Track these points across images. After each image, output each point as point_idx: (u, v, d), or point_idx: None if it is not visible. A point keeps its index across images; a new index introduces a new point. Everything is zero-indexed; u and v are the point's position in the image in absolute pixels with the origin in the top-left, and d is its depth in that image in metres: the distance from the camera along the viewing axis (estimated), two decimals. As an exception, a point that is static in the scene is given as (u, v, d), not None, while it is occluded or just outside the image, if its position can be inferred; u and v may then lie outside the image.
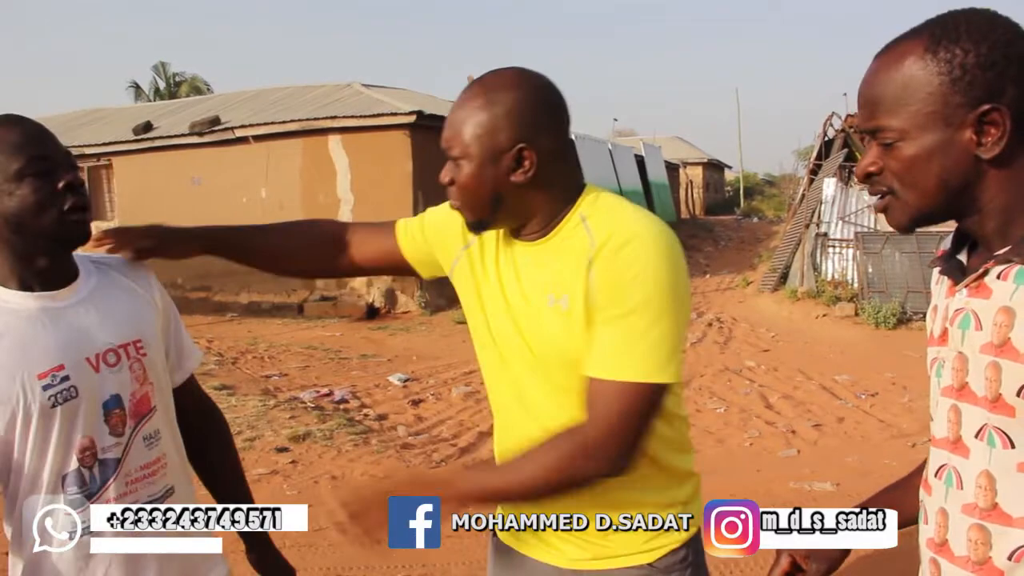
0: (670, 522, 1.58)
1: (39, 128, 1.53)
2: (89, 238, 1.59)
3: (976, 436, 1.12)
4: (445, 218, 1.72)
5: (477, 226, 1.56)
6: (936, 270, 1.26)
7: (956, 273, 1.18)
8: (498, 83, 1.48)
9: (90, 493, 1.56)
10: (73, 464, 1.54)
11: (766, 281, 14.99)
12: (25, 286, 1.54)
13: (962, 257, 1.20)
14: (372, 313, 13.57)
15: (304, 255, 1.87)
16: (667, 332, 1.41)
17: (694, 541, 1.62)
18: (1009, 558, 1.09)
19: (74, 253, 1.62)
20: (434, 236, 1.74)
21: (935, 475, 1.20)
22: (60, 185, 1.50)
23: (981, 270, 1.12)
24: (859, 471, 5.69)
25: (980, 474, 1.11)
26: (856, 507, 1.43)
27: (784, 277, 14.71)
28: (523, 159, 1.46)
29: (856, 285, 13.16)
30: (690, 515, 1.61)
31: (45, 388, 1.49)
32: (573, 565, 1.61)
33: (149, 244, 1.74)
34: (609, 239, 1.44)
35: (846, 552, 1.45)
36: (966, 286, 1.14)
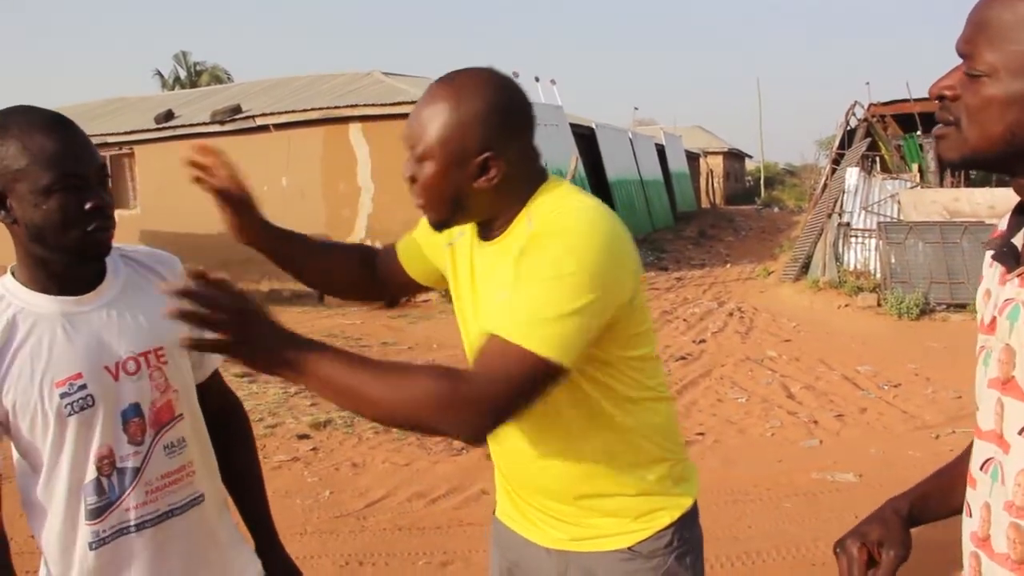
0: (652, 508, 1.60)
1: (78, 138, 1.50)
2: (108, 254, 1.57)
3: (1020, 433, 1.07)
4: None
5: (438, 225, 1.57)
6: (989, 253, 1.20)
7: (1009, 260, 1.13)
8: (468, 86, 1.46)
9: (109, 502, 1.55)
10: (92, 473, 1.53)
11: (787, 271, 14.88)
12: (45, 288, 1.53)
13: (1017, 241, 1.13)
14: (392, 301, 13.56)
15: (344, 278, 1.88)
16: (573, 316, 1.33)
17: (682, 526, 1.62)
18: None
19: None
20: (426, 243, 1.76)
21: (980, 468, 1.16)
22: (87, 207, 1.47)
23: None
24: (882, 462, 5.64)
25: (1020, 471, 1.07)
26: (910, 494, 1.38)
27: (806, 267, 14.59)
28: (488, 167, 1.46)
29: (878, 275, 13.03)
30: (676, 500, 1.62)
31: (62, 396, 1.49)
32: (557, 545, 1.65)
33: (236, 204, 1.70)
34: (541, 230, 1.43)
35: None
36: (1018, 275, 1.09)
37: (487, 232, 1.57)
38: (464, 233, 1.66)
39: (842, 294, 12.99)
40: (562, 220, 1.41)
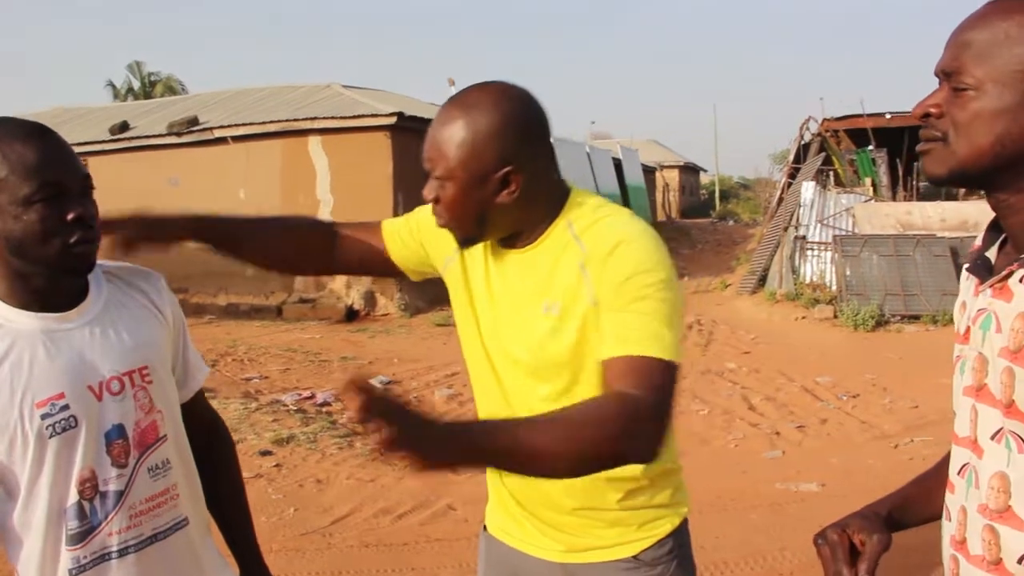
0: (655, 517, 1.61)
1: (60, 147, 1.44)
2: (92, 268, 1.51)
3: (992, 438, 1.11)
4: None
5: (465, 243, 1.56)
6: (965, 266, 1.24)
7: (983, 272, 1.17)
8: (481, 102, 1.46)
9: (91, 527, 1.48)
10: (73, 497, 1.46)
11: (745, 283, 15.06)
12: (26, 305, 1.47)
13: (991, 255, 1.18)
14: (351, 315, 13.49)
15: (292, 250, 1.84)
16: (676, 319, 1.41)
17: (679, 532, 1.64)
18: (1019, 562, 1.08)
19: None
20: (428, 235, 1.73)
21: (958, 473, 1.20)
22: (69, 217, 1.42)
23: (1005, 272, 1.10)
24: (844, 472, 5.72)
25: (993, 475, 1.11)
26: (889, 499, 1.39)
27: (763, 280, 14.78)
28: (509, 181, 1.46)
29: (834, 287, 13.25)
30: (675, 507, 1.64)
31: (44, 417, 1.42)
32: (559, 558, 1.63)
33: (132, 234, 1.65)
34: (599, 245, 1.46)
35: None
36: (990, 286, 1.13)
37: (512, 241, 1.56)
38: None
39: (799, 306, 13.18)
40: (618, 241, 1.44)
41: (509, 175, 1.45)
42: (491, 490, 1.76)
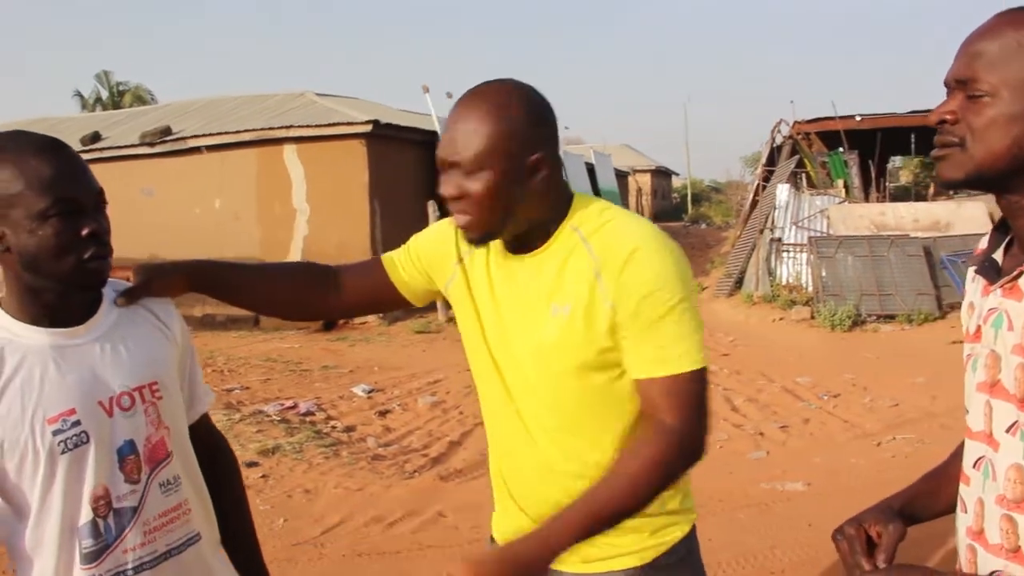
0: (667, 523, 1.62)
1: (74, 162, 1.44)
2: (104, 284, 1.52)
3: (1007, 431, 1.15)
4: (434, 238, 1.74)
5: (483, 239, 1.56)
6: (972, 268, 1.29)
7: (991, 273, 1.22)
8: (502, 94, 1.49)
9: (106, 544, 1.47)
10: (87, 515, 1.45)
11: (721, 286, 15.17)
12: (36, 320, 1.46)
13: (997, 256, 1.23)
14: (329, 324, 13.42)
15: (293, 297, 1.83)
16: (697, 323, 1.50)
17: (690, 538, 1.66)
18: None
19: None
20: (428, 258, 1.75)
21: (973, 466, 1.24)
22: (84, 233, 1.42)
23: (1016, 272, 1.15)
24: (828, 471, 5.78)
25: (1010, 467, 1.15)
26: (901, 495, 1.43)
27: (739, 282, 14.89)
28: (539, 168, 1.48)
29: (811, 289, 13.38)
30: (684, 513, 1.66)
31: (55, 433, 1.41)
32: (572, 568, 1.62)
33: (134, 284, 1.62)
34: (612, 251, 1.48)
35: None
36: (1000, 287, 1.18)
37: (518, 245, 1.58)
38: (473, 250, 1.65)
39: (776, 308, 13.30)
40: (634, 248, 1.48)
41: (539, 161, 1.48)
42: (497, 500, 1.75)
